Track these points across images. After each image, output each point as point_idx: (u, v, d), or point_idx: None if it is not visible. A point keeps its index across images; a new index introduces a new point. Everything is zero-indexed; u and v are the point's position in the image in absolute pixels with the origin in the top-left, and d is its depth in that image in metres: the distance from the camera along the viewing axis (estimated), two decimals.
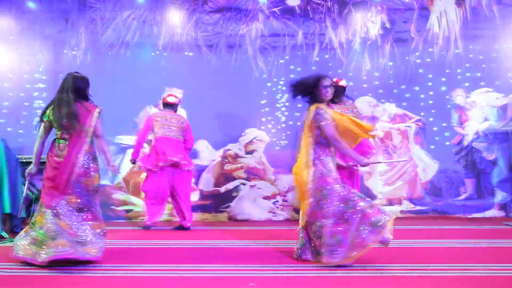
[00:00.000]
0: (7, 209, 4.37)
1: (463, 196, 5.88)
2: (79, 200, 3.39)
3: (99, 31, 6.05)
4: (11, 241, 4.21)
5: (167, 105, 5.23)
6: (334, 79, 4.75)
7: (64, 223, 3.30)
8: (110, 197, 5.89)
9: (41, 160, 4.87)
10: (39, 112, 5.96)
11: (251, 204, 5.96)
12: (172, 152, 4.97)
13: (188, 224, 5.05)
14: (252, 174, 6.04)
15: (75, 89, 3.49)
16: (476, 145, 5.91)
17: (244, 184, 6.01)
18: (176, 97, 5.30)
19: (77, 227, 3.34)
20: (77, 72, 3.63)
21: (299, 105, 6.09)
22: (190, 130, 5.25)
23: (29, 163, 5.11)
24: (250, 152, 6.08)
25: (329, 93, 3.39)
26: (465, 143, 5.94)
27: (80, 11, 6.06)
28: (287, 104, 6.13)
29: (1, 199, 4.35)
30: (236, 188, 6.00)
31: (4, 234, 4.33)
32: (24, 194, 3.90)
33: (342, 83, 4.72)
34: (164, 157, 4.93)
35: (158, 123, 5.08)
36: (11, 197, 4.43)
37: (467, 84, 5.98)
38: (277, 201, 5.98)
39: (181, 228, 5.06)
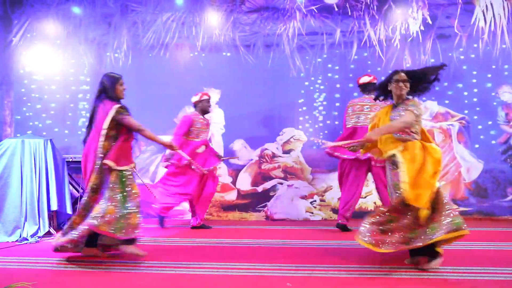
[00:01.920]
0: (55, 207, 4.54)
1: (510, 197, 5.62)
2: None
3: (140, 33, 6.19)
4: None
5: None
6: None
7: None
8: (150, 196, 6.01)
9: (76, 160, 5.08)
10: (84, 113, 6.26)
11: (289, 204, 5.93)
12: None
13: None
14: (290, 173, 6.01)
15: (99, 91, 3.65)
16: None
17: (281, 183, 5.99)
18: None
19: None
20: (108, 72, 3.78)
21: (337, 104, 6.02)
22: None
23: (74, 162, 5.36)
24: (287, 152, 6.05)
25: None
26: None
27: (122, 14, 6.22)
28: (324, 103, 6.06)
29: (49, 197, 4.52)
30: (274, 188, 5.99)
31: (52, 231, 4.50)
32: None
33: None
34: None
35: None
36: (58, 195, 4.59)
37: None
38: (315, 200, 5.92)
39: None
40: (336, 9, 5.89)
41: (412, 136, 3.22)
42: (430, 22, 5.77)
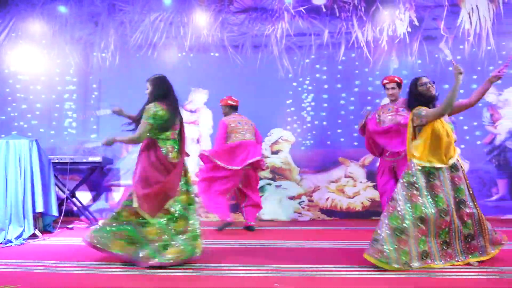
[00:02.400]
0: (40, 208, 4.47)
1: (495, 197, 5.69)
2: None
3: (128, 33, 6.14)
4: (44, 240, 4.34)
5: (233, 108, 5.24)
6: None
7: None
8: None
9: (73, 161, 5.01)
10: (70, 113, 6.18)
11: (277, 204, 5.93)
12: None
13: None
14: (278, 174, 6.01)
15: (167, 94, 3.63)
16: (509, 145, 5.70)
17: (269, 184, 5.98)
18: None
19: None
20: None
21: (325, 105, 6.04)
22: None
23: (60, 163, 5.30)
24: (275, 152, 6.05)
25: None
26: (497, 142, 5.74)
27: (109, 14, 6.17)
28: (313, 104, 6.07)
29: (34, 198, 4.45)
30: (262, 188, 5.97)
31: (37, 233, 4.43)
32: None
33: None
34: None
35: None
36: (43, 196, 4.53)
37: (499, 81, 5.74)
38: (303, 201, 5.93)
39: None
40: (324, 10, 5.93)
41: None
42: (417, 24, 5.83)
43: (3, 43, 6.23)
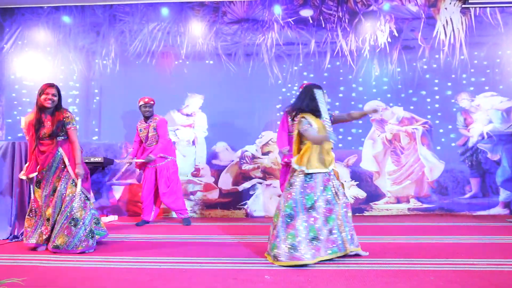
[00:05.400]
0: None
1: (468, 195, 5.76)
2: None
3: (128, 42, 6.14)
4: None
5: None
6: None
7: None
8: (137, 195, 5.94)
9: None
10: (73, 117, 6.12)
11: (267, 202, 5.94)
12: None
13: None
14: (268, 173, 6.02)
15: None
16: (481, 146, 5.78)
17: (260, 183, 5.99)
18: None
19: None
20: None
21: None
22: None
23: None
24: (266, 153, 6.06)
25: None
26: (470, 144, 5.81)
27: (110, 24, 6.16)
28: None
29: None
30: (253, 187, 5.99)
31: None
32: None
33: None
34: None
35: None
36: None
37: (471, 88, 5.86)
38: None
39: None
40: (311, 21, 5.97)
41: None
42: (396, 35, 5.91)
43: (9, 51, 6.19)
